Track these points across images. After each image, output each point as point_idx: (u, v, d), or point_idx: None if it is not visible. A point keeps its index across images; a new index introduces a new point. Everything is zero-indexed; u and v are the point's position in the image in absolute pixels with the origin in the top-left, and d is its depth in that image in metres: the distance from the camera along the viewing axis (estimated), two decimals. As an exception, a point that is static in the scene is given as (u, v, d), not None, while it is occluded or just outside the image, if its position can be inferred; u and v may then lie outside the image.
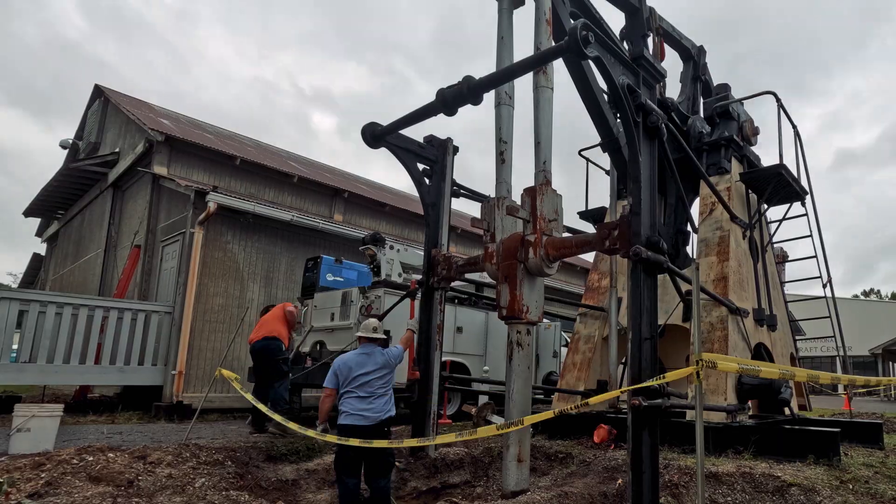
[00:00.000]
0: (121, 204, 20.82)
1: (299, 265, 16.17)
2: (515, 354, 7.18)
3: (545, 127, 7.29)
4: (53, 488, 6.57)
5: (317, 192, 21.96)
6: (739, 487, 6.70)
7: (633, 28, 8.12)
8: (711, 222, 10.51)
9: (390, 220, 24.08)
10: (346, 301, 13.06)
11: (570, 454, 8.66)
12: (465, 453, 9.03)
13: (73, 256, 25.10)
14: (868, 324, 51.47)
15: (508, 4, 8.16)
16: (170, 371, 13.96)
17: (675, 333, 10.82)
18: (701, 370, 5.08)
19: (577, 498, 6.78)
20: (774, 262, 12.93)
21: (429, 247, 9.31)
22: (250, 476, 8.58)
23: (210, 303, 14.87)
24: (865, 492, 6.56)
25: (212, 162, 19.13)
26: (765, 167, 11.57)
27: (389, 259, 13.54)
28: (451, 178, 9.64)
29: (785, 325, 12.15)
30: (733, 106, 11.69)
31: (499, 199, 7.67)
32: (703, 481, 5.04)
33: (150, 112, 21.82)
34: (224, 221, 15.29)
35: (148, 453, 7.83)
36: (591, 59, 6.11)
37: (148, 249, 17.60)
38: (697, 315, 5.41)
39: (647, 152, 6.71)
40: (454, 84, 7.07)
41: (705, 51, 12.21)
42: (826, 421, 10.36)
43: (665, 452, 8.13)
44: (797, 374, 6.34)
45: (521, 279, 7.06)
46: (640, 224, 6.34)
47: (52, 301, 12.93)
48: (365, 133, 8.59)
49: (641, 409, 5.89)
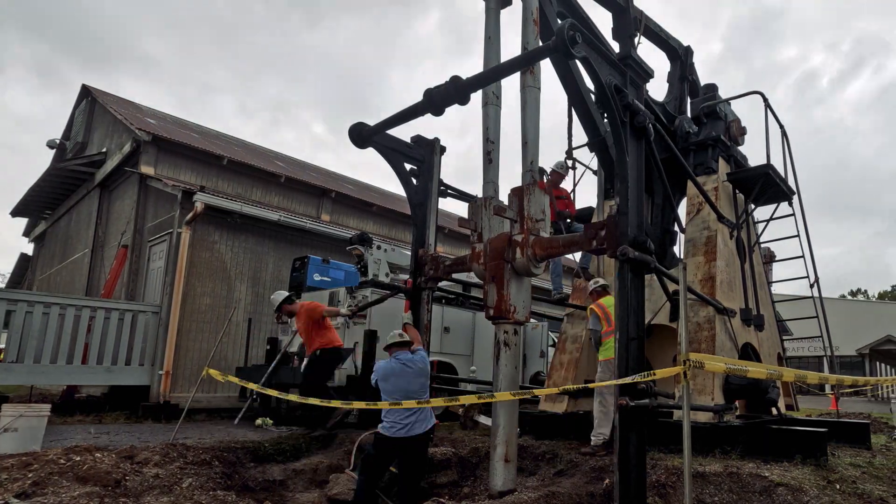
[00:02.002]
0: (108, 204, 20.71)
1: (286, 265, 16.12)
2: (503, 354, 7.18)
3: (532, 127, 7.30)
4: (41, 488, 6.53)
5: (304, 191, 21.94)
6: (726, 487, 6.70)
7: (621, 28, 8.12)
8: (699, 222, 10.53)
9: (377, 220, 24.07)
10: (334, 301, 13.04)
11: (558, 454, 8.65)
12: (452, 453, 9.01)
13: (60, 256, 24.97)
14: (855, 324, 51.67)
15: (496, 4, 8.17)
16: (157, 371, 13.90)
17: (663, 333, 10.83)
18: (688, 370, 5.08)
19: (565, 498, 6.77)
20: (762, 263, 12.96)
21: (416, 247, 9.32)
22: (238, 476, 8.56)
23: (197, 303, 14.81)
24: (852, 492, 6.57)
25: (199, 162, 19.08)
26: (752, 167, 11.59)
27: (377, 259, 13.52)
28: (438, 178, 9.63)
29: (772, 325, 12.18)
30: (720, 106, 11.71)
31: (486, 199, 7.68)
32: (691, 481, 5.04)
33: (137, 112, 21.75)
34: (211, 221, 15.24)
35: (135, 453, 7.79)
36: (578, 58, 6.11)
37: (135, 249, 17.52)
38: (685, 315, 5.41)
39: (635, 152, 6.72)
40: (441, 84, 7.07)
41: (692, 51, 12.22)
42: (813, 421, 10.40)
43: (652, 452, 8.13)
44: (784, 374, 6.35)
45: (509, 279, 7.06)
46: (628, 224, 6.35)
47: (39, 301, 12.85)
48: (352, 133, 8.59)
49: (628, 409, 5.90)
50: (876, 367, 51.18)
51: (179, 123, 23.99)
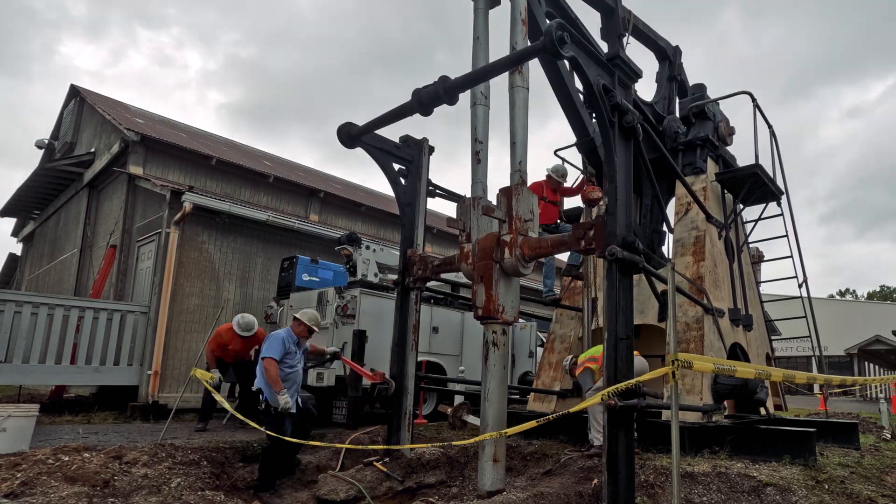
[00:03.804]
0: (96, 204, 20.63)
1: (275, 265, 16.09)
2: (491, 354, 7.17)
3: (521, 127, 7.29)
4: (29, 488, 6.54)
5: (293, 191, 21.88)
6: (715, 487, 6.72)
7: (609, 28, 8.13)
8: (687, 222, 10.56)
9: (366, 220, 24.02)
10: (322, 301, 13.01)
11: (546, 454, 8.66)
12: (440, 453, 9.01)
13: (48, 256, 24.85)
14: (844, 324, 51.92)
15: (484, 4, 8.15)
16: (145, 371, 13.84)
17: (651, 333, 10.85)
18: (676, 370, 5.08)
19: (553, 498, 6.78)
20: (750, 262, 13.00)
21: (404, 247, 9.29)
22: (226, 476, 8.57)
23: (186, 303, 14.76)
24: (841, 492, 6.59)
25: (187, 162, 19.01)
26: (740, 167, 11.64)
27: (365, 259, 13.51)
28: (426, 178, 9.61)
29: (761, 324, 12.22)
30: (709, 106, 11.74)
31: (474, 199, 7.66)
32: (679, 481, 5.04)
33: (125, 112, 21.67)
34: (200, 221, 15.18)
35: (124, 453, 7.78)
36: (566, 58, 6.11)
37: (123, 249, 17.45)
38: (673, 315, 5.42)
39: (623, 152, 6.72)
40: (430, 84, 7.06)
41: (681, 51, 12.25)
42: (802, 421, 10.42)
43: (641, 452, 8.15)
44: (773, 373, 6.36)
45: (497, 279, 7.05)
46: (616, 224, 6.34)
47: (27, 301, 12.79)
48: (340, 133, 8.56)
49: (617, 409, 5.90)
50: (864, 367, 51.36)
51: (168, 123, 23.90)
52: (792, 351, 49.49)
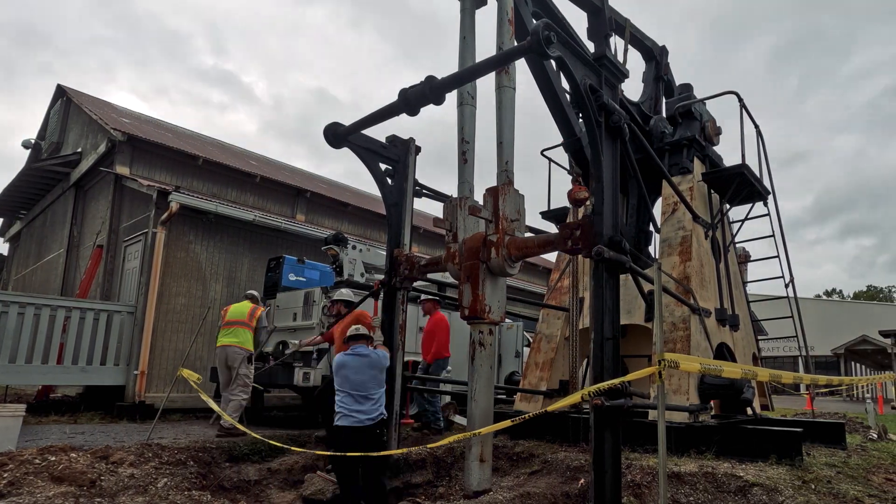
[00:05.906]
0: (83, 204, 20.55)
1: (262, 265, 16.03)
2: (478, 354, 7.18)
3: (507, 127, 7.29)
4: (16, 488, 6.53)
5: (279, 191, 21.85)
6: (702, 487, 6.72)
7: (596, 28, 8.13)
8: (674, 222, 10.57)
9: (353, 220, 23.99)
10: (309, 301, 12.99)
11: (533, 454, 8.66)
12: (427, 453, 9.01)
13: (35, 256, 24.75)
14: (830, 324, 52.17)
15: (470, 4, 8.16)
16: (132, 371, 13.79)
17: (638, 333, 10.86)
18: (663, 370, 5.08)
19: (540, 498, 6.78)
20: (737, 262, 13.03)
21: (391, 247, 9.28)
22: (213, 476, 8.55)
23: (172, 303, 14.71)
24: (828, 492, 6.60)
25: (174, 162, 18.96)
26: (727, 167, 11.67)
27: (352, 259, 13.48)
28: (413, 178, 9.60)
29: (747, 324, 12.25)
30: (696, 106, 11.77)
31: (461, 199, 7.66)
32: (666, 481, 5.04)
33: (112, 112, 21.59)
34: (186, 221, 15.13)
35: (110, 453, 7.78)
36: (553, 58, 6.11)
37: (110, 249, 17.37)
38: (660, 315, 5.42)
39: (610, 152, 6.73)
40: (416, 84, 7.05)
41: (668, 51, 12.28)
42: (788, 421, 10.46)
43: (627, 452, 8.15)
44: (759, 373, 6.39)
45: (484, 279, 7.05)
46: (603, 224, 6.35)
47: (14, 301, 12.74)
48: (327, 133, 8.55)
49: (603, 409, 5.90)
50: (851, 367, 51.63)
51: (154, 123, 23.83)
52: (779, 351, 49.73)
